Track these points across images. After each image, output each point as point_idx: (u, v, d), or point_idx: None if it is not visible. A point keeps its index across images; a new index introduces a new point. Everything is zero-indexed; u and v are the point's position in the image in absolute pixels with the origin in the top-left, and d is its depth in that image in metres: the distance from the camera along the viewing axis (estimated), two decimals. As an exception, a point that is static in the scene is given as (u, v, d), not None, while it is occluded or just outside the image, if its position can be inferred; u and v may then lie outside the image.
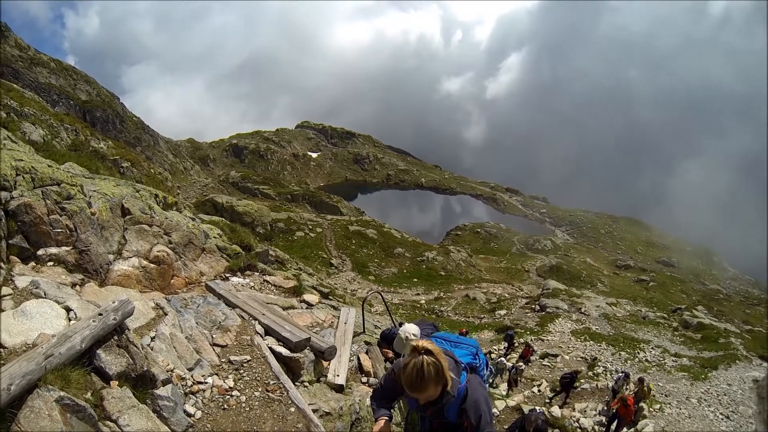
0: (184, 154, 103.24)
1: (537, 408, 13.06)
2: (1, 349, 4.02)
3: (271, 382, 5.76)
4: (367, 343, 8.05)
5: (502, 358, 23.57)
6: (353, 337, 7.95)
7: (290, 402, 5.54)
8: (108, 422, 3.81)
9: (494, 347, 30.47)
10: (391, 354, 7.48)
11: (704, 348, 30.98)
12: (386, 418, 3.79)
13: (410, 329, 5.07)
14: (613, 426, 15.91)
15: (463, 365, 3.63)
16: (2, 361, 3.78)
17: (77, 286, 6.08)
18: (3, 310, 4.53)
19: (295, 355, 6.47)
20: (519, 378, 21.96)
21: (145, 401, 4.41)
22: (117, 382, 4.22)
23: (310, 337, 6.82)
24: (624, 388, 18.79)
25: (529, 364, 24.29)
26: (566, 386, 20.03)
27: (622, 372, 18.91)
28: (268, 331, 6.82)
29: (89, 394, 3.86)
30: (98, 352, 4.21)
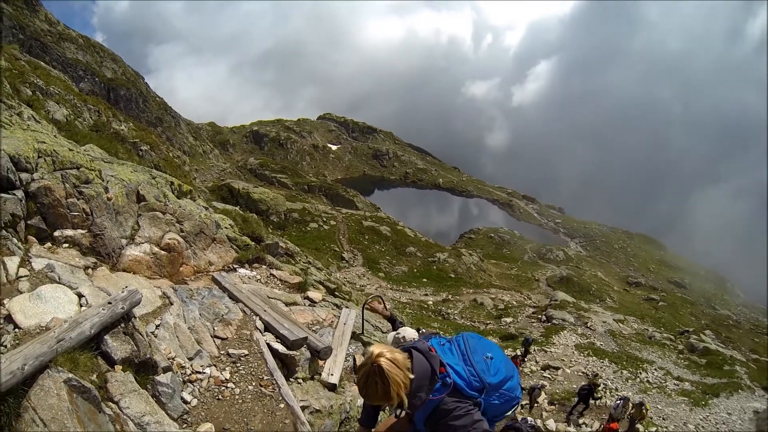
0: (205, 137, 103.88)
1: (528, 418, 13.12)
2: (17, 330, 4.21)
3: (265, 378, 5.92)
4: (364, 344, 8.17)
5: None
6: (351, 337, 8.08)
7: (281, 398, 5.68)
8: (110, 403, 4.00)
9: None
10: None
11: (708, 374, 30.84)
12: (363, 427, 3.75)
13: (408, 333, 4.99)
14: None
15: (449, 381, 3.17)
16: (18, 341, 4.02)
17: (89, 269, 6.24)
18: (21, 292, 4.74)
19: (291, 352, 6.61)
20: (538, 398, 21.47)
21: (146, 386, 4.63)
22: (121, 367, 4.42)
23: (307, 336, 6.96)
24: (623, 414, 18.76)
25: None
26: (584, 398, 20.05)
27: (620, 399, 18.86)
28: (268, 328, 6.96)
29: (95, 376, 4.06)
30: (105, 337, 4.41)
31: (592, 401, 20.17)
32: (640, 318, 54.53)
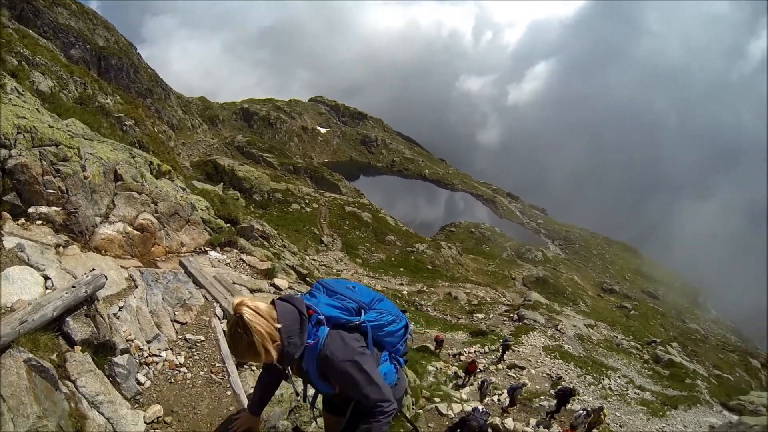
0: (194, 111, 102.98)
1: (481, 407, 13.36)
2: (-17, 309, 4.34)
3: (217, 365, 6.03)
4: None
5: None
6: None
7: (229, 385, 5.78)
8: (67, 382, 4.16)
9: (464, 350, 30.85)
10: None
11: (669, 385, 31.36)
12: (249, 413, 3.67)
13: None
14: None
15: (321, 317, 3.07)
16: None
17: (61, 247, 6.33)
18: (-11, 272, 4.86)
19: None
20: (518, 397, 21.60)
21: (103, 367, 4.74)
22: (80, 348, 4.56)
23: (261, 325, 7.06)
24: (583, 424, 19.01)
25: (471, 380, 24.05)
26: (561, 401, 20.35)
27: (585, 410, 19.07)
28: (227, 315, 7.11)
29: (54, 355, 4.19)
30: (67, 319, 4.54)
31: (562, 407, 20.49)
32: (610, 324, 55.22)
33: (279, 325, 2.87)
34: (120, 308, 6.02)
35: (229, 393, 5.67)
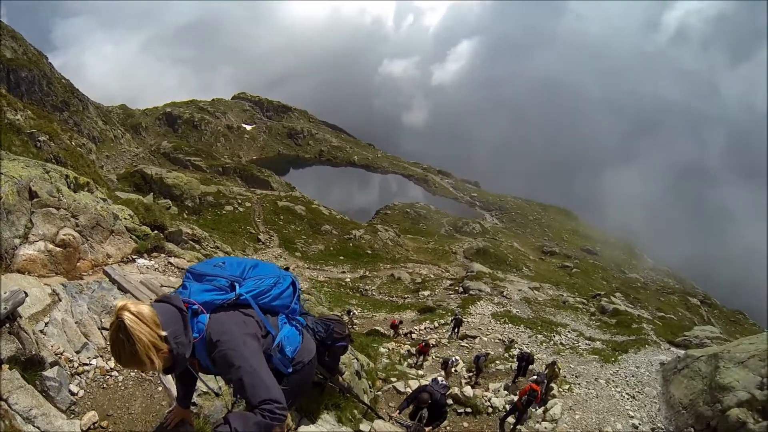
0: (115, 120, 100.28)
1: (439, 378, 13.10)
2: None
3: None
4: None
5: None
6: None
7: (159, 381, 5.69)
8: None
9: (415, 327, 30.75)
10: None
11: (618, 332, 32.04)
12: (179, 406, 3.62)
13: None
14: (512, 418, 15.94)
15: (196, 307, 2.90)
16: None
17: None
18: None
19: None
20: (483, 366, 21.38)
21: (35, 382, 4.66)
22: (8, 366, 4.49)
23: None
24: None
25: (425, 361, 23.78)
26: (522, 368, 20.29)
27: (539, 375, 18.97)
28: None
29: None
30: None
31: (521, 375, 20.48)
32: (555, 284, 56.29)
33: (164, 333, 2.64)
34: (46, 324, 5.90)
35: (160, 389, 5.58)
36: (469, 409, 17.08)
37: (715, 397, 14.74)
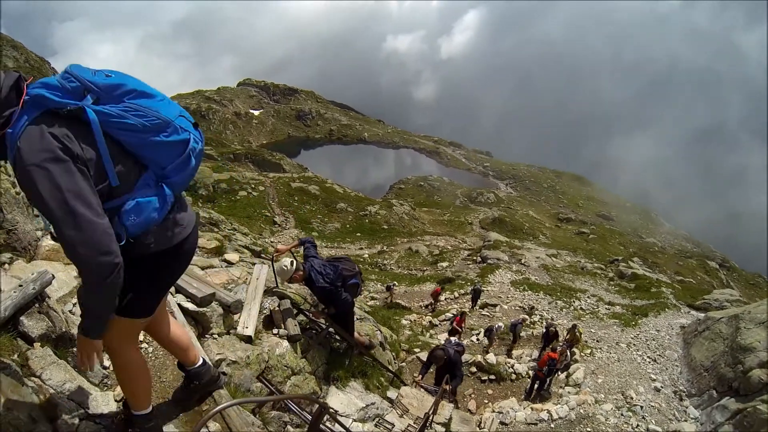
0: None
1: (452, 339, 13.27)
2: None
3: None
4: (280, 297, 8.14)
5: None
6: (267, 292, 8.05)
7: None
8: (33, 378, 4.04)
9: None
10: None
11: (637, 297, 32.00)
12: None
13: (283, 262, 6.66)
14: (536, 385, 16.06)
15: (26, 98, 2.29)
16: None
17: (6, 264, 6.10)
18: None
19: (201, 309, 6.53)
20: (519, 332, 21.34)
21: (66, 359, 4.59)
22: (39, 344, 4.46)
23: (215, 293, 6.88)
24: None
25: (460, 334, 23.60)
26: (548, 339, 20.32)
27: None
28: (178, 290, 6.85)
29: (16, 355, 4.12)
30: (21, 318, 4.47)
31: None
32: (572, 251, 56.14)
33: None
34: (74, 305, 5.80)
35: None
36: (492, 376, 17.22)
37: (736, 359, 14.70)
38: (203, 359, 4.02)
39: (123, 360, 3.26)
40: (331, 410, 5.70)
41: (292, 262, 7.50)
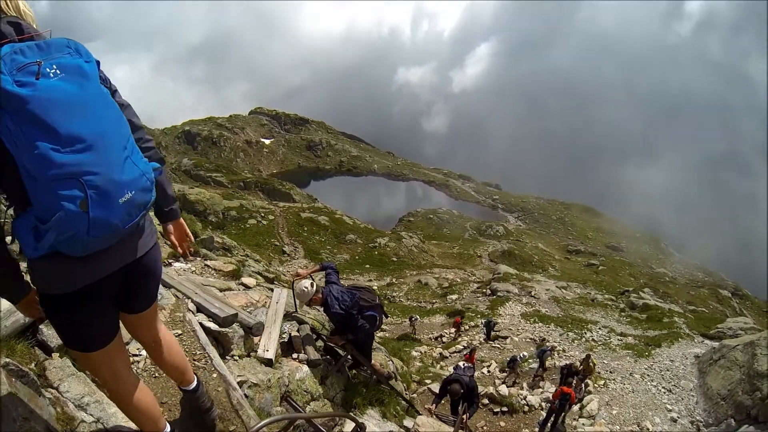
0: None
1: (462, 364, 13.16)
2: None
3: (198, 353, 5.85)
4: (299, 322, 8.17)
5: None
6: (286, 316, 8.07)
7: (213, 368, 5.67)
8: (50, 389, 3.99)
9: (444, 331, 30.70)
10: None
11: (649, 327, 31.76)
12: None
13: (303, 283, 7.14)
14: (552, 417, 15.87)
15: None
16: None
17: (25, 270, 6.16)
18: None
19: (223, 329, 6.55)
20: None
21: (85, 371, 4.48)
22: (58, 354, 4.41)
23: (237, 313, 6.91)
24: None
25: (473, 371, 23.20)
26: (563, 377, 20.10)
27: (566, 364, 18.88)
28: (200, 309, 6.88)
29: (33, 365, 4.07)
30: (40, 327, 4.43)
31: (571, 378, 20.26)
32: (582, 283, 55.82)
33: None
34: None
35: (214, 375, 5.57)
36: (505, 408, 17.08)
37: (754, 386, 14.53)
38: (197, 382, 3.91)
39: (110, 391, 3.30)
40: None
41: (312, 284, 7.58)
